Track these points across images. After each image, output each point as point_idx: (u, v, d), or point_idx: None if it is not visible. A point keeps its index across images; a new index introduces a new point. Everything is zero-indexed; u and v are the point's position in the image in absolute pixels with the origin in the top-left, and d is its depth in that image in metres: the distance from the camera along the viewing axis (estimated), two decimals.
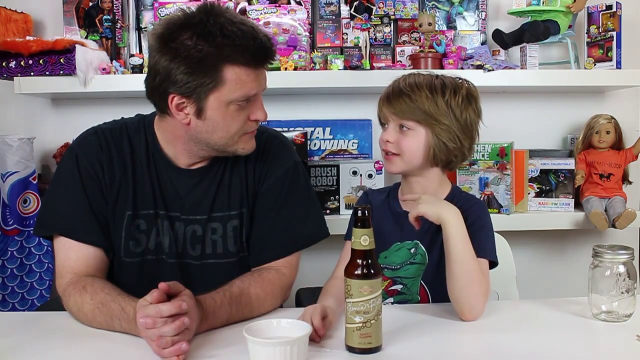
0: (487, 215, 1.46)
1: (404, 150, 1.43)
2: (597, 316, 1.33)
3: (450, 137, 1.41)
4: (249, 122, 1.42)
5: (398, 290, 1.50)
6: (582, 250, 2.47)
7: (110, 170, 1.47)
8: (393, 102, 1.42)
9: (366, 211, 1.17)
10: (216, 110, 1.37)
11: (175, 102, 1.37)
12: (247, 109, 1.40)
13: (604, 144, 2.29)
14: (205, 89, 1.34)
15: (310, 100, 2.44)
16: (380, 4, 2.36)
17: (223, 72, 1.34)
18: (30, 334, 1.29)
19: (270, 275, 1.46)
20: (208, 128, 1.40)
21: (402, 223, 1.48)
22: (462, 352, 1.21)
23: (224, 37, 1.32)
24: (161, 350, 1.12)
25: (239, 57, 1.33)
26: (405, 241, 1.49)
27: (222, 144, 1.43)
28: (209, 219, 1.49)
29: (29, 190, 2.20)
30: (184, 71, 1.33)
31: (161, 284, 1.17)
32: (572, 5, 2.25)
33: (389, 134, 1.44)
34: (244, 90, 1.37)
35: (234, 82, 1.35)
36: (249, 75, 1.36)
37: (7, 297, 2.20)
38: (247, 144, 1.45)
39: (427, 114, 1.40)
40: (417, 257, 1.48)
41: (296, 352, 1.07)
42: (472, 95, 1.45)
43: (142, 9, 2.36)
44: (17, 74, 2.11)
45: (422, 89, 1.41)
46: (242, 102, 1.38)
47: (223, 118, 1.38)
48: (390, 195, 1.56)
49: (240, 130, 1.42)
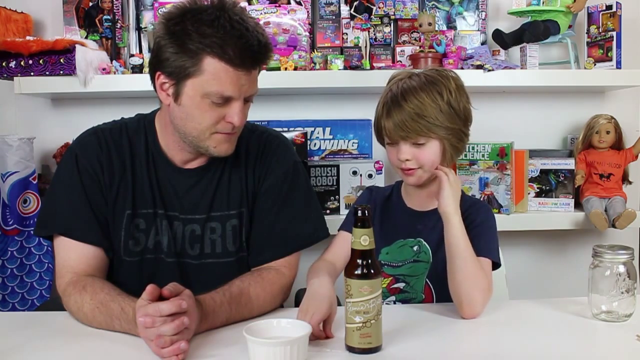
0: (492, 218, 1.48)
1: (424, 162, 1.43)
2: (597, 316, 1.33)
3: (459, 136, 1.44)
4: (223, 123, 1.40)
5: (400, 288, 1.50)
6: (582, 250, 2.47)
7: (109, 170, 1.48)
8: (402, 126, 1.40)
9: (366, 211, 1.16)
10: (191, 98, 1.37)
11: (160, 81, 1.40)
12: (223, 109, 1.38)
13: (604, 144, 2.29)
14: (184, 72, 1.35)
15: (310, 100, 2.44)
16: (380, 4, 2.36)
17: (203, 62, 1.34)
18: (30, 334, 1.29)
19: (270, 275, 1.46)
20: (182, 115, 1.40)
21: (405, 220, 1.49)
22: (462, 352, 1.21)
23: (213, 28, 1.33)
24: (160, 350, 1.12)
25: (219, 50, 1.33)
26: (408, 239, 1.50)
27: (194, 135, 1.41)
28: (208, 218, 1.50)
29: (29, 190, 2.20)
30: (172, 51, 1.35)
31: (162, 290, 1.18)
32: (572, 5, 2.25)
33: (404, 152, 1.42)
34: (220, 87, 1.35)
35: (211, 75, 1.34)
36: (228, 73, 1.35)
37: (7, 297, 2.20)
38: (220, 144, 1.43)
39: (436, 125, 1.40)
40: (421, 255, 1.48)
41: (296, 352, 1.07)
42: (459, 84, 1.46)
43: (142, 9, 2.36)
44: (17, 74, 2.11)
45: (422, 98, 1.40)
46: (218, 99, 1.36)
47: (196, 108, 1.38)
48: (394, 193, 1.57)
49: (211, 127, 1.40)
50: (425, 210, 1.51)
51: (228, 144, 1.44)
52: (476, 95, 2.38)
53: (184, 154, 1.49)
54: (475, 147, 2.24)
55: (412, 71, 1.49)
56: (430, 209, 1.49)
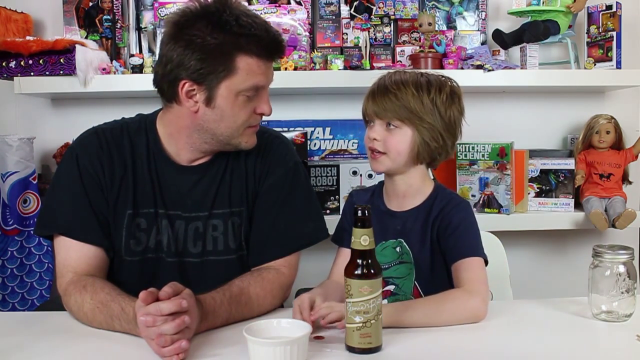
0: (471, 214, 1.45)
1: (391, 149, 1.42)
2: (597, 316, 1.33)
3: (435, 135, 1.41)
4: (254, 115, 1.45)
5: (391, 291, 1.49)
6: (582, 250, 2.47)
7: (110, 169, 1.48)
8: (378, 101, 1.41)
9: (366, 211, 1.16)
10: (226, 99, 1.40)
11: (186, 89, 1.39)
12: (254, 102, 1.43)
13: (604, 144, 2.29)
14: (217, 76, 1.37)
15: (310, 100, 2.44)
16: (380, 4, 2.36)
17: (236, 61, 1.37)
18: (30, 334, 1.29)
19: (270, 275, 1.46)
20: (216, 117, 1.41)
21: (385, 221, 1.48)
22: (462, 352, 1.21)
23: (240, 27, 1.36)
24: (161, 349, 1.12)
25: (253, 47, 1.37)
26: (389, 240, 1.48)
27: (227, 134, 1.44)
28: (210, 215, 1.50)
29: (29, 190, 2.20)
30: (198, 57, 1.36)
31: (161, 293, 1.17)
32: (572, 5, 2.25)
33: (375, 131, 1.43)
34: (254, 80, 1.40)
35: (245, 71, 1.38)
36: (260, 67, 1.40)
37: (7, 297, 2.20)
38: (250, 137, 1.48)
39: (412, 112, 1.39)
40: (404, 256, 1.47)
41: (296, 352, 1.07)
42: (455, 93, 1.45)
43: (142, 9, 2.36)
44: (17, 74, 2.11)
45: (408, 86, 1.40)
46: (251, 93, 1.41)
47: (231, 108, 1.41)
48: (375, 194, 1.55)
49: (245, 122, 1.44)
50: (403, 210, 1.48)
51: (254, 136, 1.50)
52: (476, 95, 2.41)
53: (194, 154, 1.50)
54: (475, 147, 2.24)
55: (413, 71, 1.48)
56: (408, 208, 1.48)
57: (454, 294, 1.34)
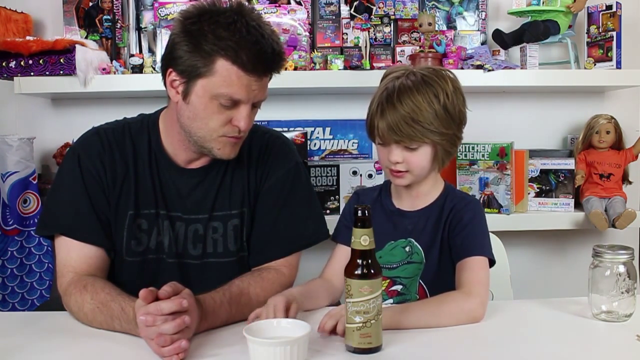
0: (482, 214, 1.45)
1: (414, 167, 1.41)
2: (597, 316, 1.33)
3: (452, 140, 1.42)
4: (229, 126, 1.40)
5: (398, 290, 1.50)
6: (582, 250, 2.47)
7: (112, 170, 1.48)
8: (396, 130, 1.37)
9: (366, 211, 1.16)
10: (200, 97, 1.37)
11: (171, 78, 1.40)
12: (230, 112, 1.39)
13: (604, 144, 2.29)
14: (196, 72, 1.36)
15: (310, 100, 2.44)
16: (380, 4, 2.36)
17: (215, 63, 1.34)
18: (30, 334, 1.29)
19: (270, 275, 1.46)
20: (190, 114, 1.40)
21: (395, 221, 1.48)
22: (462, 352, 1.21)
23: (229, 32, 1.33)
24: (160, 349, 1.12)
25: (233, 54, 1.33)
26: (398, 239, 1.48)
27: (200, 135, 1.41)
28: (210, 218, 1.50)
29: (29, 190, 2.20)
30: (185, 49, 1.36)
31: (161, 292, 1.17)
32: (572, 5, 2.25)
33: (396, 155, 1.40)
34: (230, 89, 1.35)
35: (222, 77, 1.35)
36: (240, 78, 1.35)
37: (7, 297, 2.20)
38: (224, 147, 1.43)
39: (432, 131, 1.37)
40: (414, 256, 1.47)
41: (296, 352, 1.07)
42: (456, 85, 1.43)
43: (142, 9, 2.36)
44: (17, 74, 2.11)
45: (421, 105, 1.36)
46: (226, 102, 1.37)
47: (204, 109, 1.38)
48: (382, 193, 1.55)
49: (218, 129, 1.40)
50: (414, 209, 1.49)
51: (232, 147, 1.44)
52: (476, 95, 2.40)
53: (188, 154, 1.49)
54: (475, 147, 2.24)
55: (408, 68, 1.46)
56: (419, 208, 1.48)
57: (452, 296, 1.34)
